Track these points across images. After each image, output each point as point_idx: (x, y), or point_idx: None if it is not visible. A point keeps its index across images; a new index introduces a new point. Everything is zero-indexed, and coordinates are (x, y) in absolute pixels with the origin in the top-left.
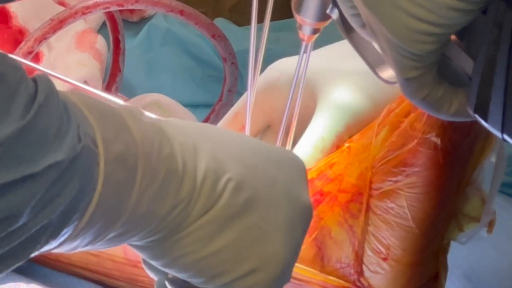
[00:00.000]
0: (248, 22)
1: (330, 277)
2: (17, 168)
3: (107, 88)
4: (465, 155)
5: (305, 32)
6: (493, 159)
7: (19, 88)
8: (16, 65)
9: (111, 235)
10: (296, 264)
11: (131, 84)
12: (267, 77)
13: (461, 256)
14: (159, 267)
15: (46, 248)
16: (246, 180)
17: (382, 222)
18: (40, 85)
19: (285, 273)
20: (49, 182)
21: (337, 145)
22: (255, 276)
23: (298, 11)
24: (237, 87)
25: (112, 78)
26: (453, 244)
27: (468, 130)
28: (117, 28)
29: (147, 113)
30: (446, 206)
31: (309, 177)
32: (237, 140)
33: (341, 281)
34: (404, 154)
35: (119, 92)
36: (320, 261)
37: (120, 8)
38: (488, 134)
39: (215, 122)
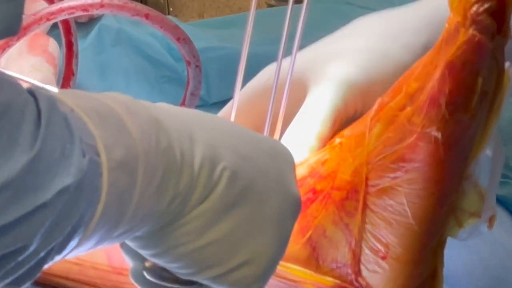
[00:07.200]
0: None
1: (326, 277)
2: (28, 200)
3: None
4: (465, 150)
5: None
6: (488, 152)
7: (24, 115)
8: (18, 88)
9: (112, 237)
10: (290, 265)
11: (84, 86)
12: (256, 81)
13: None
14: (146, 256)
15: (50, 263)
16: (241, 169)
17: (380, 220)
18: (42, 103)
19: (273, 266)
20: (59, 208)
21: (336, 120)
22: (245, 269)
23: None
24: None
25: (66, 82)
26: None
27: (469, 123)
28: (70, 30)
29: (140, 101)
30: (447, 202)
31: (301, 174)
32: (230, 129)
33: (338, 281)
34: (402, 149)
35: None
36: (315, 262)
37: (85, 13)
38: (485, 126)
39: None
